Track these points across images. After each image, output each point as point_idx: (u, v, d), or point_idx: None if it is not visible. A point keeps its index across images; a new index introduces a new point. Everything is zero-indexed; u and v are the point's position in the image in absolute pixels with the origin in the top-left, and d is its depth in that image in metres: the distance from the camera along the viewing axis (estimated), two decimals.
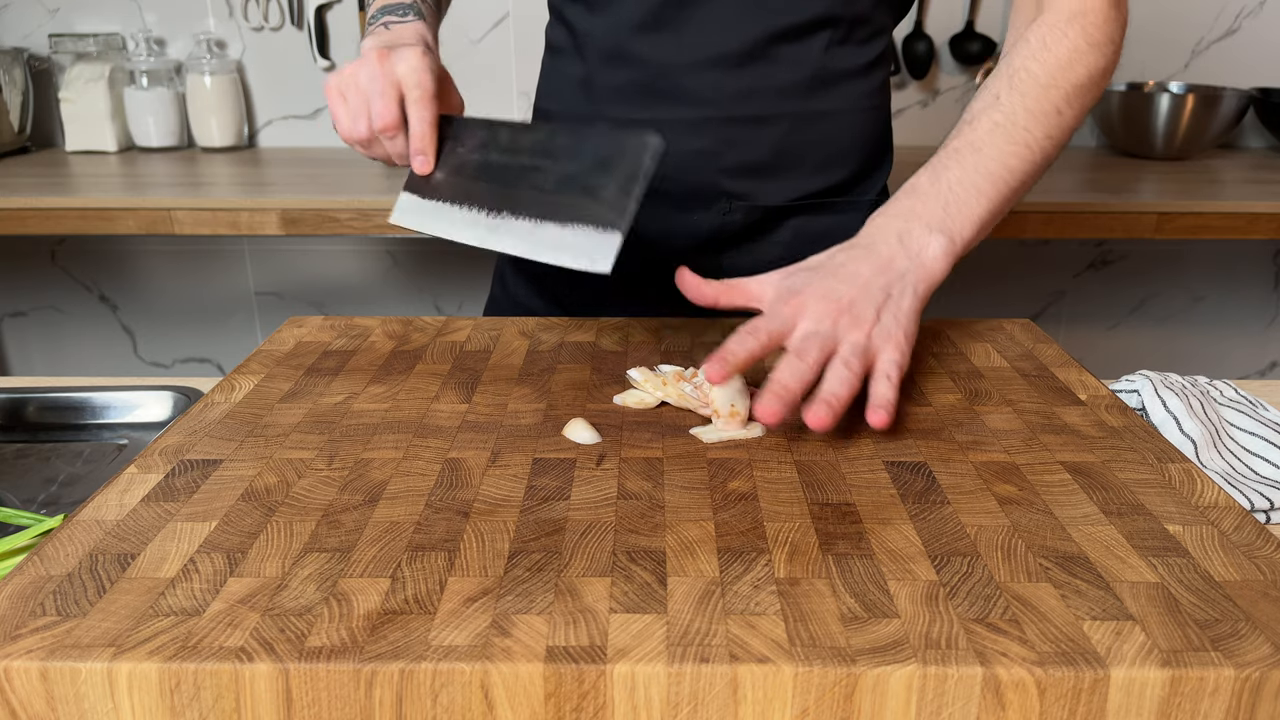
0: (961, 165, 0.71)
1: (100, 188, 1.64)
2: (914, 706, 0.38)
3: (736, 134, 0.85)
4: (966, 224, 0.69)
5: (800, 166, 0.87)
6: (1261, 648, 0.40)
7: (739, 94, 0.84)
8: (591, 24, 0.86)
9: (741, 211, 0.87)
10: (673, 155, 0.85)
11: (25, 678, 0.38)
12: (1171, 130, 1.86)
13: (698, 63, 0.83)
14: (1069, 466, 0.55)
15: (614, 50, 0.85)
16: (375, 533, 0.47)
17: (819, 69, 0.84)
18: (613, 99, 0.86)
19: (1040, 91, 0.73)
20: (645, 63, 0.84)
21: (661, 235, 0.89)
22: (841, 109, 0.86)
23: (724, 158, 0.86)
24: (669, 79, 0.84)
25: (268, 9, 1.96)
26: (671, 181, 0.87)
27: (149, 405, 0.83)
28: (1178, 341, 2.20)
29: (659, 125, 0.84)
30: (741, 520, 0.49)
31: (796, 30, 0.82)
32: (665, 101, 0.85)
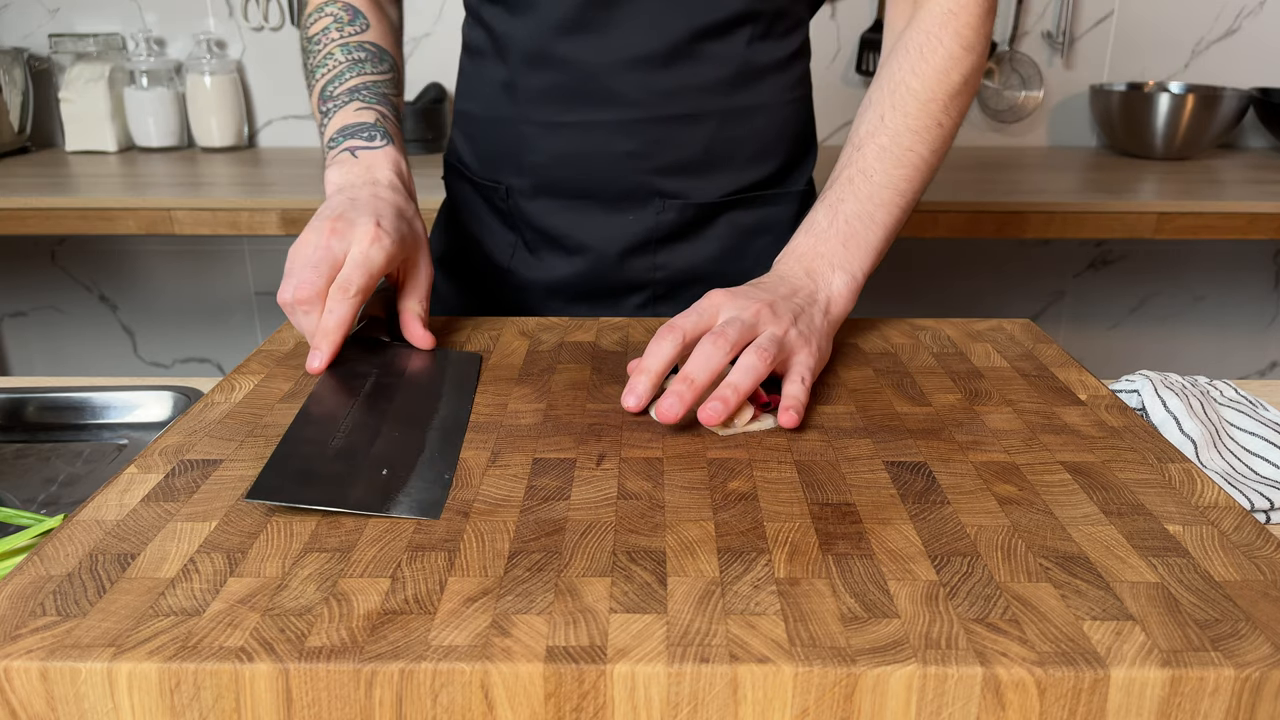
0: (856, 196, 0.73)
1: (100, 188, 1.64)
2: (914, 706, 0.38)
3: (665, 133, 0.85)
4: (865, 257, 0.73)
5: (730, 162, 0.88)
6: (1261, 648, 0.40)
7: (666, 93, 0.83)
8: (512, 26, 0.84)
9: (675, 210, 0.88)
10: (604, 156, 0.86)
11: (25, 678, 0.38)
12: (1171, 130, 1.86)
13: (623, 63, 0.82)
14: (1069, 466, 0.55)
15: (537, 53, 0.84)
16: (375, 533, 0.47)
17: (743, 64, 0.84)
18: (537, 102, 0.85)
19: (920, 107, 0.75)
20: (570, 65, 0.83)
21: (597, 237, 0.89)
22: (766, 103, 0.87)
23: (654, 158, 0.86)
24: (595, 81, 0.83)
25: (268, 9, 1.96)
26: (603, 184, 0.87)
27: (149, 405, 0.83)
28: (1178, 341, 2.20)
29: (586, 128, 0.85)
30: (741, 520, 0.49)
31: (719, 27, 0.82)
32: (592, 104, 0.84)
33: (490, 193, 0.92)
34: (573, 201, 0.88)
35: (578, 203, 0.88)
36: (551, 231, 0.90)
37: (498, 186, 0.91)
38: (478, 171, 0.93)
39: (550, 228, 0.90)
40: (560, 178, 0.87)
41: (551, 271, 0.91)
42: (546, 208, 0.89)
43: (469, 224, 0.96)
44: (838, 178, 0.75)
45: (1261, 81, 1.99)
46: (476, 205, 0.95)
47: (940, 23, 0.76)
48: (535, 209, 0.90)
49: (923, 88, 0.75)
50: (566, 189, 0.88)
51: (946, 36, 0.75)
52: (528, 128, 0.86)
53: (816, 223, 0.73)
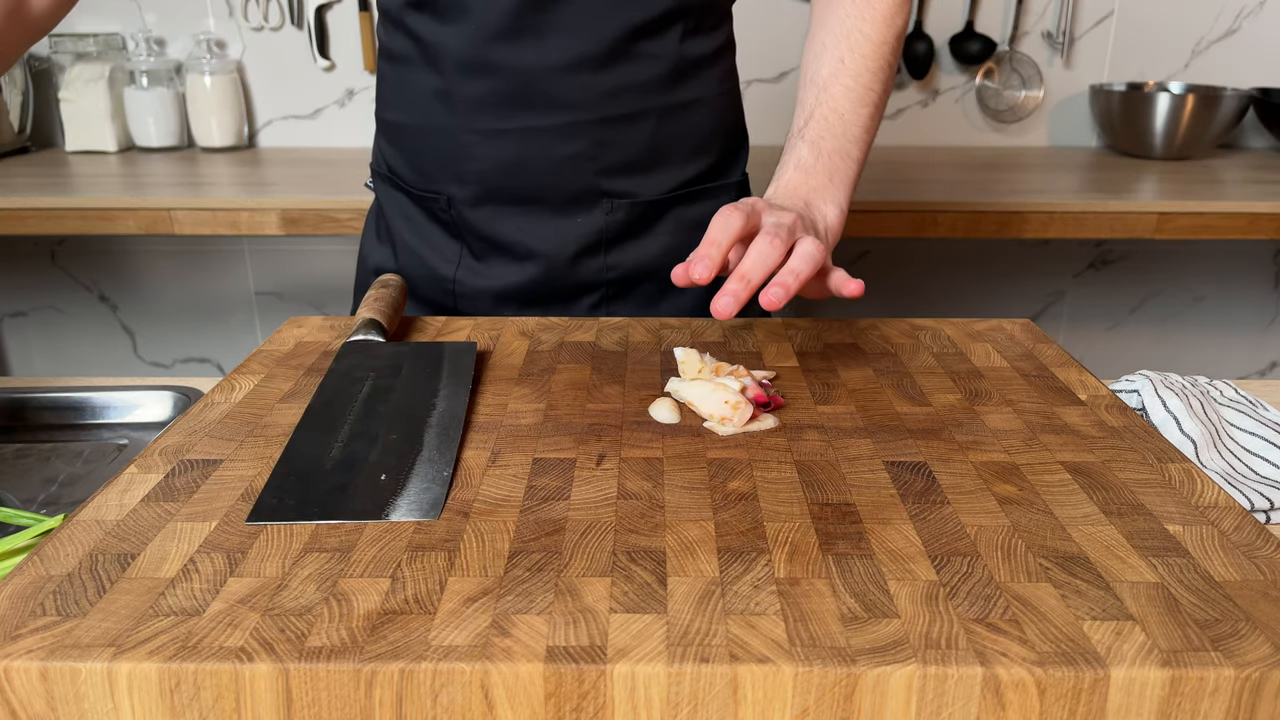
0: (833, 134, 0.78)
1: (100, 188, 1.64)
2: (914, 706, 0.38)
3: (608, 134, 0.85)
4: (847, 190, 0.77)
5: (672, 157, 0.89)
6: (1261, 648, 0.40)
7: (606, 94, 0.84)
8: (442, 34, 0.83)
9: (624, 209, 0.88)
10: (549, 161, 0.86)
11: (25, 678, 0.38)
12: (1171, 130, 1.86)
13: (562, 67, 0.82)
14: (1069, 466, 0.55)
15: (472, 60, 0.83)
16: (375, 533, 0.47)
17: (678, 59, 0.85)
18: (476, 110, 0.84)
19: (874, 50, 0.80)
20: (508, 71, 0.82)
21: (547, 242, 0.89)
22: (701, 97, 0.88)
23: (599, 159, 0.86)
24: (534, 86, 0.83)
25: (268, 9, 1.96)
26: (550, 188, 0.87)
27: (149, 405, 0.83)
28: (1178, 341, 2.20)
29: (529, 133, 0.85)
30: (741, 520, 0.49)
31: (653, 24, 0.83)
32: (533, 109, 0.84)
33: (430, 203, 0.91)
34: (519, 208, 0.88)
35: (524, 208, 0.88)
36: (499, 239, 0.89)
37: (438, 196, 0.90)
38: (413, 182, 0.92)
39: (497, 235, 0.89)
40: (505, 185, 0.87)
41: (502, 279, 0.91)
42: (492, 215, 0.88)
43: (407, 234, 0.94)
44: (811, 116, 0.78)
45: (1261, 81, 1.99)
46: (414, 215, 0.93)
47: None
48: (480, 217, 0.89)
49: (874, 32, 0.80)
50: (512, 196, 0.87)
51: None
52: (467, 136, 0.85)
53: (803, 159, 0.76)
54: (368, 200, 1.56)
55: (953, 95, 2.03)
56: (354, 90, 2.01)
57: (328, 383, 0.64)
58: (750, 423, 0.59)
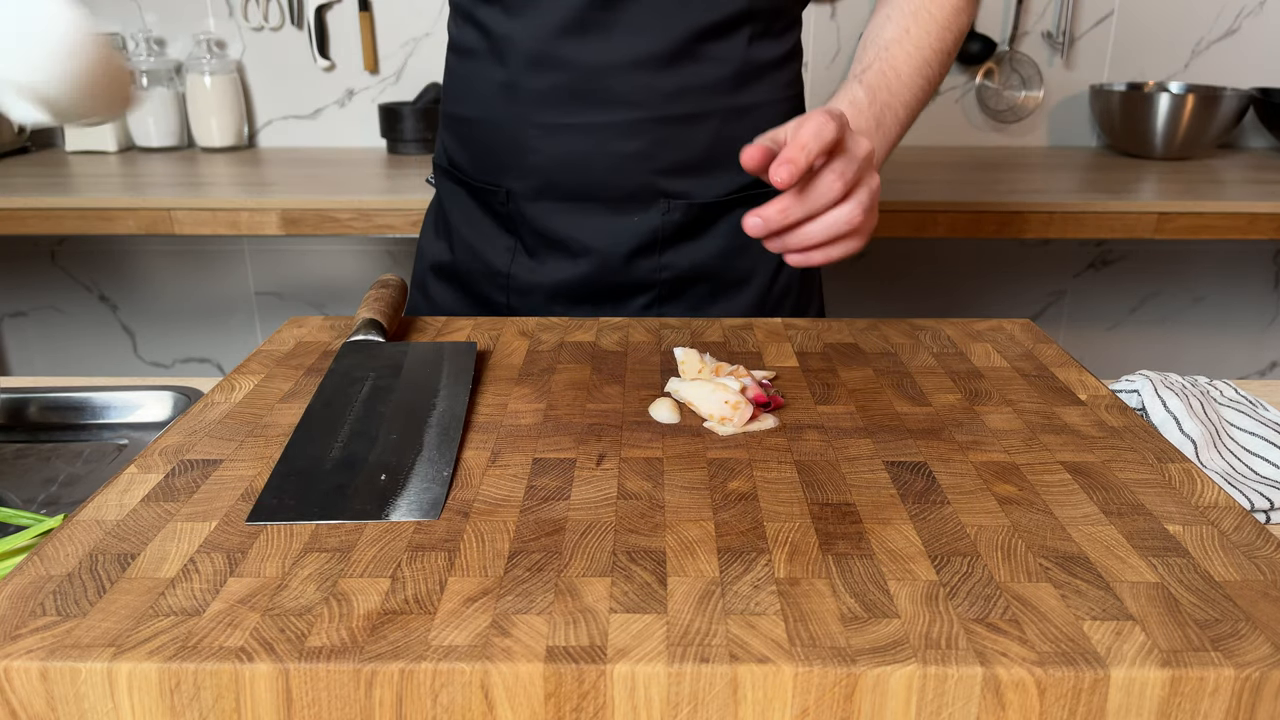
0: (889, 89, 0.78)
1: (100, 188, 1.64)
2: (914, 706, 0.38)
3: (669, 134, 0.85)
4: (887, 145, 0.77)
5: (731, 161, 0.87)
6: (1261, 648, 0.40)
7: (669, 94, 0.84)
8: (510, 27, 0.84)
9: (680, 210, 0.88)
10: (607, 158, 0.86)
11: (25, 678, 0.38)
12: (1171, 130, 1.86)
13: (626, 64, 0.82)
14: (1069, 466, 0.55)
15: (539, 54, 0.83)
16: (375, 533, 0.47)
17: (743, 63, 0.85)
18: (539, 104, 0.85)
19: (938, 31, 0.81)
20: (573, 66, 0.83)
21: (601, 239, 0.89)
22: (765, 101, 0.88)
23: (658, 158, 0.86)
24: (598, 82, 0.83)
25: (268, 9, 1.96)
26: (607, 185, 0.87)
27: (149, 405, 0.83)
28: (1178, 341, 2.20)
29: (589, 129, 0.85)
30: (741, 520, 0.49)
31: (720, 26, 0.83)
32: (595, 105, 0.84)
33: (488, 196, 0.92)
34: (576, 204, 0.88)
35: (581, 205, 0.88)
36: (554, 234, 0.90)
37: (497, 189, 0.91)
38: (473, 174, 0.93)
39: (552, 230, 0.90)
40: (563, 180, 0.87)
41: (554, 275, 0.91)
42: (548, 210, 0.89)
43: (463, 228, 0.95)
44: (870, 66, 0.78)
45: (1261, 81, 1.99)
46: (471, 209, 0.94)
47: None
48: (536, 212, 0.89)
49: (940, 14, 0.81)
50: (569, 191, 0.87)
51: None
52: (530, 130, 0.86)
53: (858, 99, 0.76)
54: (367, 200, 1.56)
55: (953, 95, 2.03)
56: (354, 90, 2.01)
57: (327, 383, 0.64)
58: (750, 423, 0.59)
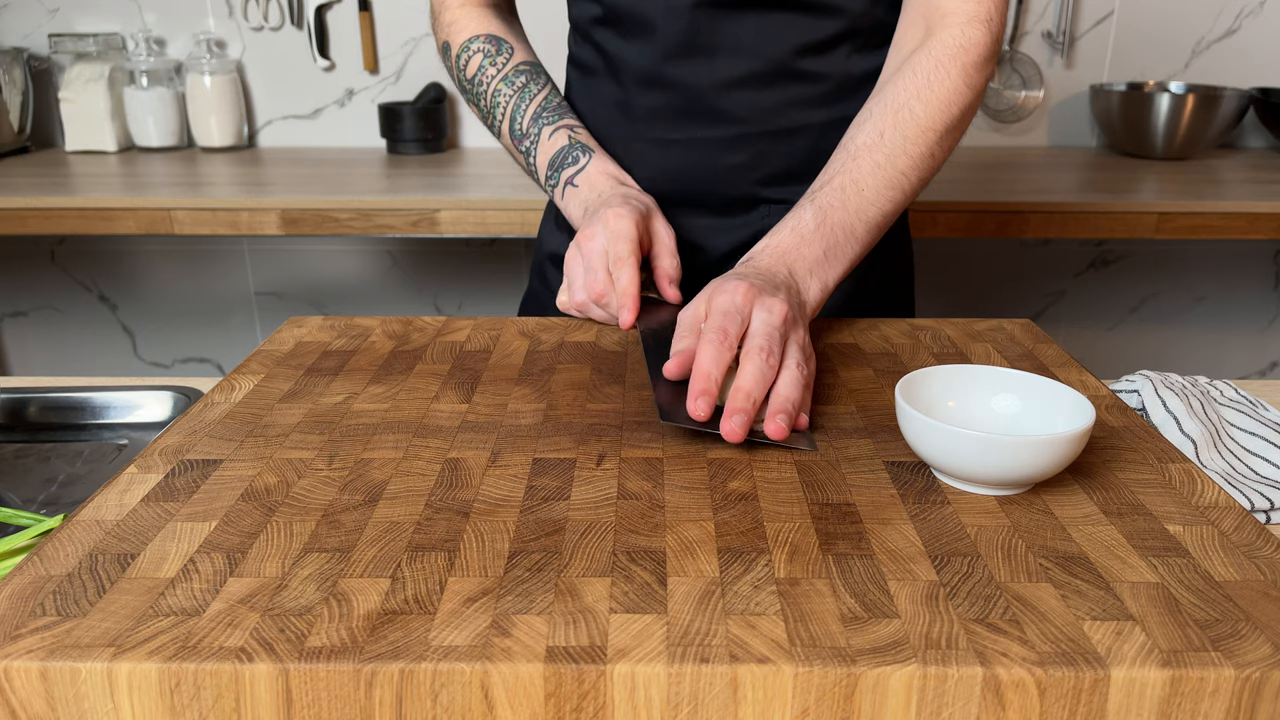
0: (845, 207, 0.74)
1: (100, 188, 1.64)
2: (914, 706, 0.38)
3: (770, 146, 0.87)
4: (839, 269, 0.73)
5: None
6: (1261, 648, 0.40)
7: (770, 109, 0.86)
8: (625, 49, 0.88)
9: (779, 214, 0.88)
10: (711, 170, 0.89)
11: (25, 678, 0.38)
12: (1171, 130, 1.86)
13: (730, 83, 0.85)
14: (1069, 466, 0.55)
15: (650, 75, 0.87)
16: (375, 533, 0.47)
17: (843, 77, 0.86)
18: (650, 120, 0.88)
19: (920, 133, 0.76)
20: (680, 86, 0.86)
21: (706, 242, 0.92)
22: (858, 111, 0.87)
23: (759, 169, 0.88)
24: (704, 100, 0.86)
25: (268, 9, 1.96)
26: (711, 194, 0.90)
27: (149, 405, 0.83)
28: (1178, 341, 2.20)
29: (696, 144, 0.88)
30: (741, 520, 0.49)
31: (821, 45, 0.84)
32: (700, 121, 0.87)
33: None
34: (681, 209, 0.90)
35: (686, 210, 0.90)
36: None
37: None
38: None
39: None
40: (670, 190, 0.89)
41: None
42: None
43: None
44: (829, 182, 0.75)
45: (1261, 81, 1.99)
46: None
47: (950, 55, 0.77)
48: None
49: (925, 114, 0.76)
50: (676, 199, 0.90)
51: (954, 70, 0.77)
52: (639, 144, 0.89)
53: (803, 223, 0.73)
54: (367, 200, 1.56)
55: None
56: (354, 90, 2.01)
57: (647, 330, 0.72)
58: None
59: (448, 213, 1.57)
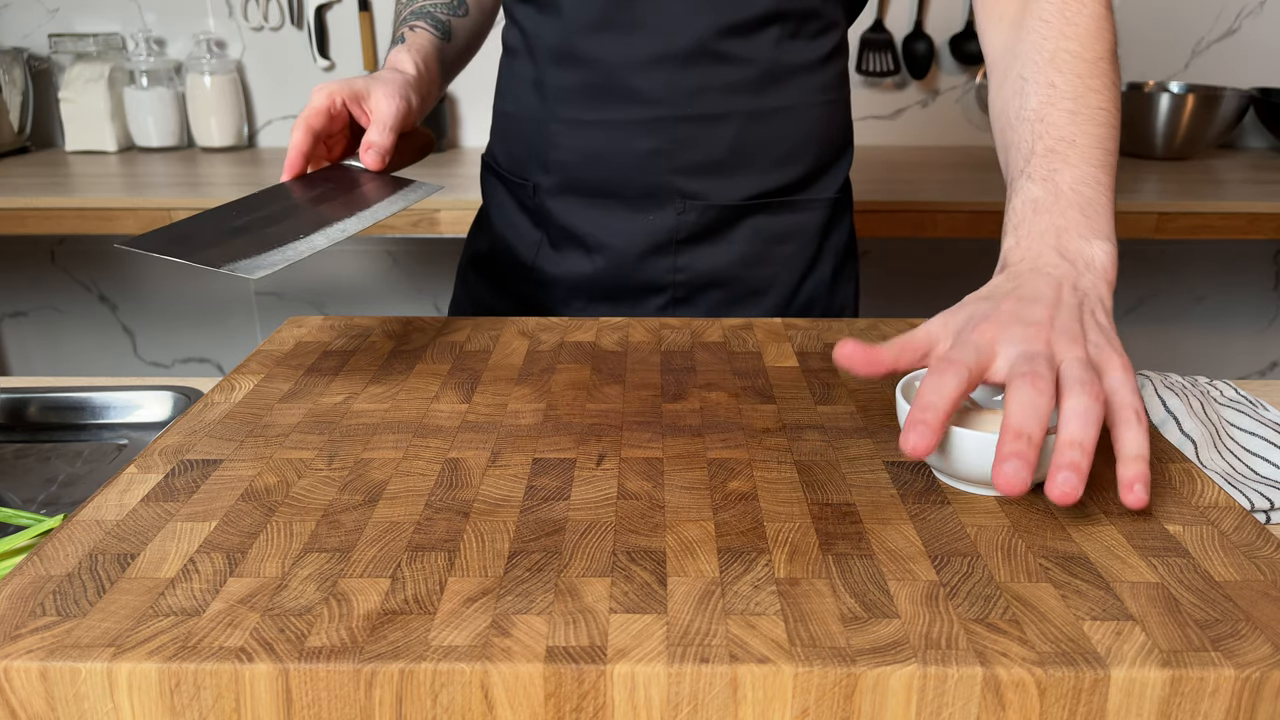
0: (1069, 164, 0.66)
1: (100, 188, 1.64)
2: (914, 706, 0.38)
3: (688, 132, 0.84)
4: (1107, 219, 0.64)
5: (754, 164, 0.87)
6: (1261, 648, 0.40)
7: (690, 92, 0.83)
8: (540, 24, 0.85)
9: (696, 211, 0.87)
10: (626, 155, 0.86)
11: (25, 678, 0.38)
12: (1171, 130, 1.86)
13: (647, 61, 0.82)
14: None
15: (563, 51, 0.84)
16: (375, 533, 0.47)
17: (771, 65, 0.83)
18: (564, 100, 0.86)
19: (1089, 67, 0.70)
20: (595, 63, 0.83)
21: (617, 236, 0.89)
22: (795, 104, 0.86)
23: (677, 157, 0.85)
24: (618, 79, 0.83)
25: (268, 9, 1.96)
26: (626, 183, 0.87)
27: (149, 405, 0.83)
28: (1178, 341, 2.20)
29: (610, 125, 0.85)
30: (741, 520, 0.49)
31: (746, 26, 0.81)
32: (616, 102, 0.84)
33: (519, 190, 0.93)
34: (595, 200, 0.88)
35: (600, 201, 0.88)
36: (574, 229, 0.90)
37: (525, 184, 0.92)
38: (508, 169, 0.95)
39: (572, 225, 0.90)
40: (584, 176, 0.87)
41: (573, 269, 0.92)
42: (570, 205, 0.90)
43: (499, 222, 0.97)
44: (1033, 152, 0.67)
45: (1261, 81, 1.99)
46: (506, 203, 0.96)
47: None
48: (559, 206, 0.90)
49: (1082, 49, 0.70)
50: (590, 187, 0.88)
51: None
52: (554, 125, 0.87)
53: (1038, 199, 0.64)
54: None
55: (953, 95, 2.03)
56: None
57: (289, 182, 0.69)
58: None
59: (448, 213, 1.57)
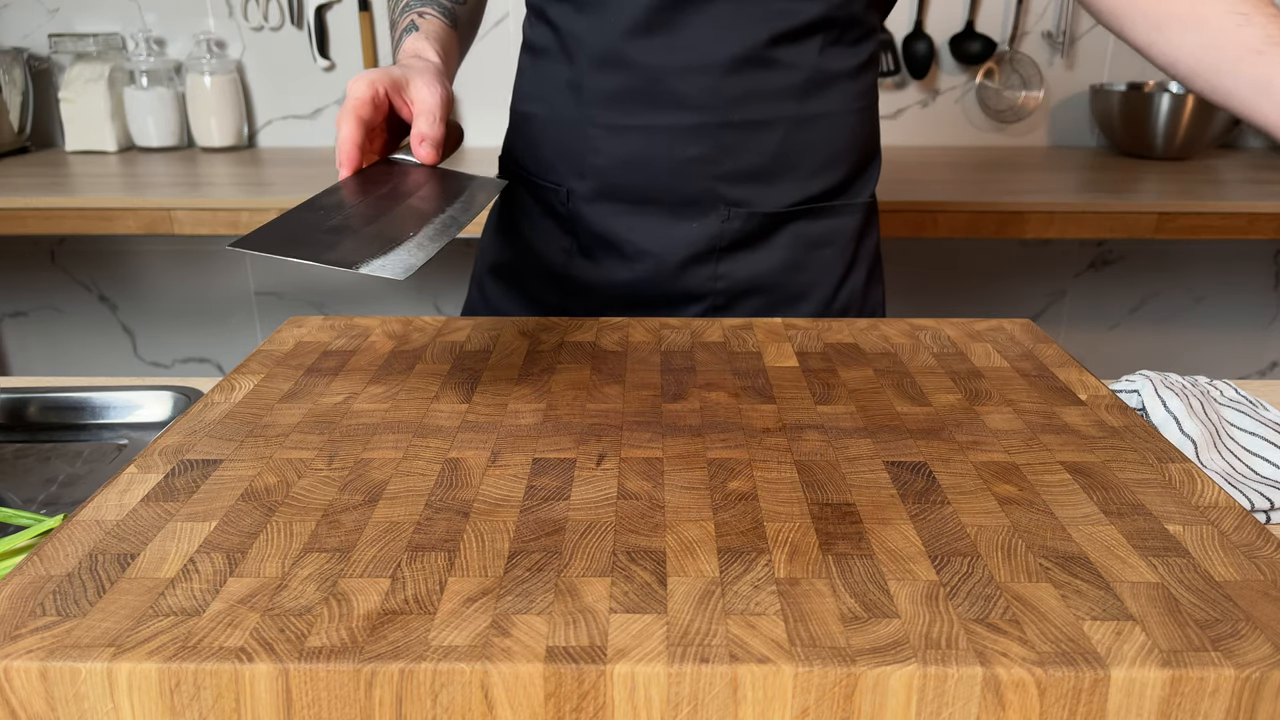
0: None
1: (100, 188, 1.64)
2: (914, 706, 0.38)
3: (733, 139, 0.84)
4: None
5: (797, 170, 0.86)
6: (1261, 648, 0.40)
7: (735, 99, 0.82)
8: (580, 25, 0.84)
9: (740, 219, 0.86)
10: (669, 162, 0.85)
11: (25, 678, 0.38)
12: (1171, 130, 1.86)
13: (693, 67, 0.81)
14: (1069, 466, 0.55)
15: (606, 54, 0.83)
16: (375, 533, 0.47)
17: (814, 71, 0.83)
18: (604, 104, 0.85)
19: None
20: (639, 67, 0.82)
21: (657, 244, 0.88)
22: (835, 111, 0.85)
23: (721, 164, 0.84)
24: (663, 84, 0.82)
25: (268, 9, 1.96)
26: (667, 190, 0.86)
27: (149, 405, 0.83)
28: (1178, 341, 2.20)
29: (652, 131, 0.84)
30: (741, 520, 0.49)
31: (793, 33, 0.81)
32: (659, 107, 0.83)
33: (548, 195, 0.91)
34: (634, 206, 0.87)
35: (639, 208, 0.87)
36: (610, 237, 0.89)
37: (558, 189, 0.90)
38: (536, 173, 0.92)
39: (609, 233, 0.88)
40: (623, 182, 0.86)
41: (609, 276, 0.90)
42: (606, 212, 0.88)
43: (523, 227, 0.95)
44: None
45: None
46: (532, 209, 0.94)
47: None
48: (594, 213, 0.88)
49: None
50: (629, 193, 0.87)
51: None
52: (592, 130, 0.86)
53: None
54: None
55: (953, 95, 2.03)
56: None
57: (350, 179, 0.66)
58: None
59: None
